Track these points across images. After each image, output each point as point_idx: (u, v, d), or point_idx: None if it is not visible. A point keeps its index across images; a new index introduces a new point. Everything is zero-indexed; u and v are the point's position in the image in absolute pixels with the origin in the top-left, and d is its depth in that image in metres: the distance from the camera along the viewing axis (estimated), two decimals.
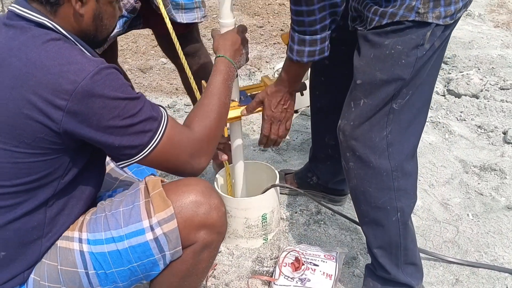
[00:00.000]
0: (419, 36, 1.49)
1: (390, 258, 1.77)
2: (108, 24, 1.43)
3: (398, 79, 1.53)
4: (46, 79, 1.22)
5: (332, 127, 2.18)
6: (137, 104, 1.31)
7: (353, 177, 1.69)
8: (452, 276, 2.03)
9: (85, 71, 1.23)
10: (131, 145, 1.32)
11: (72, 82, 1.22)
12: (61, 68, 1.22)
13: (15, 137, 1.26)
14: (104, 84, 1.25)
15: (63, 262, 1.38)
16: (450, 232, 2.25)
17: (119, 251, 1.37)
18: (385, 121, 1.59)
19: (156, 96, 3.49)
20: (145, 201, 1.39)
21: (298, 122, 3.14)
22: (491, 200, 2.43)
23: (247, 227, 2.10)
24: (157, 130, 1.35)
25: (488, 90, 3.33)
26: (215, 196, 1.45)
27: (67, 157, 1.34)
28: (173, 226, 1.37)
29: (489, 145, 2.84)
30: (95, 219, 1.41)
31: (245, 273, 2.03)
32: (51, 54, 1.24)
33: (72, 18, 1.33)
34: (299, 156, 2.80)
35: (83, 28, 1.37)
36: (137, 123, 1.31)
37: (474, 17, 4.58)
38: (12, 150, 1.27)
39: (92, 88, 1.23)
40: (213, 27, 4.41)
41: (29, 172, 1.30)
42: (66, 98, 1.22)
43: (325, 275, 1.93)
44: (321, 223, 2.28)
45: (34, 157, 1.28)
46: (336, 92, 2.10)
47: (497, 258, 2.11)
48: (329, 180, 2.33)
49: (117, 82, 1.28)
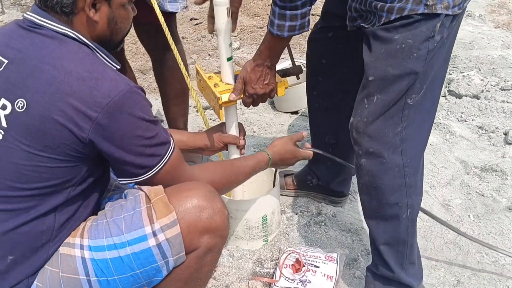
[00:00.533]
0: (429, 29, 1.48)
1: (395, 255, 1.76)
2: (123, 27, 1.46)
3: (410, 73, 1.52)
4: (81, 89, 1.26)
5: (332, 127, 2.19)
6: (155, 127, 1.37)
7: (365, 174, 1.68)
8: (453, 277, 2.03)
9: (118, 87, 1.28)
10: (141, 165, 1.37)
11: (106, 96, 1.27)
12: (96, 81, 1.28)
13: (41, 141, 1.28)
14: (134, 103, 1.31)
15: (65, 269, 1.37)
16: (451, 233, 2.24)
17: (121, 258, 1.36)
18: (400, 117, 1.59)
19: (156, 97, 3.48)
20: (147, 207, 1.39)
21: (298, 123, 3.13)
22: (492, 201, 2.42)
23: (248, 229, 2.10)
24: (165, 155, 1.41)
25: (489, 91, 3.32)
26: (218, 200, 1.45)
27: (86, 167, 1.37)
28: (176, 231, 1.36)
29: (490, 146, 2.83)
30: (96, 226, 1.40)
31: (245, 275, 2.02)
32: (87, 67, 1.29)
33: (87, 26, 1.37)
34: None
35: (99, 34, 1.40)
36: (152, 146, 1.37)
37: (475, 17, 4.57)
38: (36, 154, 1.29)
39: (123, 105, 1.29)
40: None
41: (48, 177, 1.32)
42: (98, 111, 1.26)
43: (326, 277, 1.92)
44: (322, 224, 2.27)
45: (56, 162, 1.31)
46: (335, 91, 2.10)
47: (499, 259, 2.10)
48: (330, 181, 2.32)
49: (144, 103, 1.34)
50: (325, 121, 2.20)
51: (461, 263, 2.09)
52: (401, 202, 1.68)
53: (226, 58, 1.83)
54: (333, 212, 2.35)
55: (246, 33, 4.36)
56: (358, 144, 1.66)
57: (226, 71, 1.86)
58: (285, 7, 1.59)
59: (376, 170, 1.65)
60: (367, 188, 1.71)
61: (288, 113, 3.26)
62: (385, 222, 1.73)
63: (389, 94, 1.56)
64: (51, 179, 1.32)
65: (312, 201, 2.41)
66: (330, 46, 1.99)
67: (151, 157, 1.38)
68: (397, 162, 1.63)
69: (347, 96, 2.09)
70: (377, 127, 1.60)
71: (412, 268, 1.81)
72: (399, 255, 1.76)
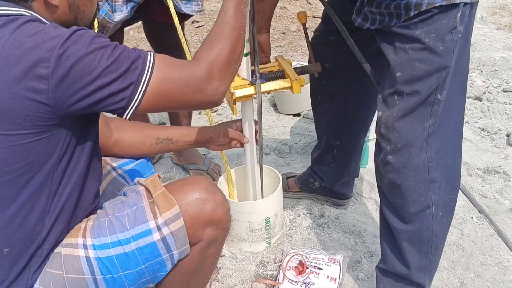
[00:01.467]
0: (450, 20, 1.47)
1: (418, 255, 1.73)
2: (87, 10, 1.41)
3: (440, 67, 1.51)
4: (25, 54, 1.22)
5: (337, 129, 2.19)
6: (115, 49, 1.27)
7: (391, 171, 1.66)
8: (457, 279, 2.02)
9: (60, 36, 1.23)
10: (122, 87, 1.27)
11: (49, 49, 1.21)
12: (37, 41, 1.22)
13: (5, 119, 1.24)
14: (78, 41, 1.23)
15: (69, 270, 1.36)
16: (455, 235, 2.24)
17: (126, 254, 1.36)
18: (429, 112, 1.57)
19: None
20: (149, 202, 1.39)
21: (300, 125, 3.13)
22: (495, 202, 2.42)
23: (251, 231, 2.10)
24: (144, 66, 1.29)
25: (491, 93, 3.32)
26: (219, 193, 1.46)
27: (62, 133, 1.31)
28: (180, 224, 1.38)
29: (492, 148, 2.83)
30: (99, 224, 1.40)
31: (248, 277, 2.02)
32: (27, 32, 1.24)
33: (47, 11, 1.33)
34: (301, 160, 2.79)
35: (63, 19, 1.36)
36: (121, 66, 1.26)
37: (476, 19, 4.56)
38: (5, 134, 1.25)
39: (67, 48, 1.22)
40: None
41: (26, 154, 1.27)
42: (47, 66, 1.21)
43: (329, 279, 1.92)
44: (325, 226, 2.27)
45: (28, 137, 1.26)
46: (339, 94, 2.10)
47: (502, 261, 2.09)
48: (333, 183, 2.32)
49: (89, 35, 1.26)
50: (330, 124, 2.20)
51: (465, 265, 2.08)
52: (424, 198, 1.66)
53: (243, 54, 1.81)
54: (336, 214, 2.35)
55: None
56: (387, 140, 1.63)
57: (242, 66, 1.85)
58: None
59: (403, 166, 1.63)
60: (392, 185, 1.68)
61: (290, 115, 3.26)
62: (409, 218, 1.69)
63: (419, 90, 1.54)
64: (29, 155, 1.27)
65: (315, 203, 2.41)
66: (333, 49, 1.99)
67: (127, 74, 1.26)
68: (423, 158, 1.62)
69: (351, 98, 2.09)
70: (406, 122, 1.58)
71: (434, 269, 1.79)
72: (423, 255, 1.73)
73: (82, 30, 1.27)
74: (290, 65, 1.93)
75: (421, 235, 1.71)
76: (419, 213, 1.68)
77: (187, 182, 1.45)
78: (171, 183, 1.47)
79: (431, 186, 1.66)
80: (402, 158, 1.63)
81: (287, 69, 1.90)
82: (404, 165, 1.63)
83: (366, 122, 2.20)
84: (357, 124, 2.18)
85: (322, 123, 2.25)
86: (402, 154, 1.62)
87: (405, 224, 1.71)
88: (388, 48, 1.56)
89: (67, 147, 1.34)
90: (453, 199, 1.74)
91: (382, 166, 1.69)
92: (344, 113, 2.13)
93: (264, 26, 1.96)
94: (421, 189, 1.66)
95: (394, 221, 1.73)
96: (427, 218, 1.69)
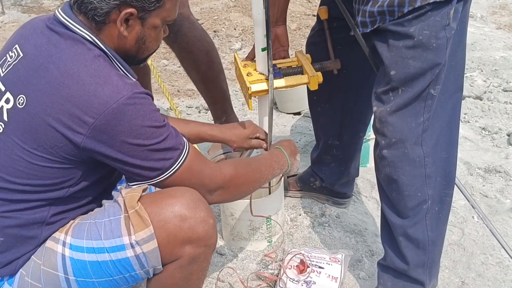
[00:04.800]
0: (443, 17, 1.48)
1: (415, 251, 1.73)
2: (150, 47, 1.44)
3: (433, 64, 1.52)
4: (79, 94, 1.24)
5: (335, 128, 2.18)
6: (163, 131, 1.33)
7: (386, 165, 1.67)
8: (457, 278, 2.02)
9: (119, 94, 1.25)
10: (152, 167, 1.34)
11: (104, 103, 1.24)
12: (96, 87, 1.25)
13: (35, 140, 1.28)
14: (135, 111, 1.27)
15: (46, 263, 1.36)
16: (456, 234, 2.23)
17: (99, 263, 1.34)
18: (423, 107, 1.59)
19: (158, 98, 3.48)
20: (124, 216, 1.35)
21: (301, 124, 3.13)
22: (496, 202, 2.42)
23: (252, 229, 2.09)
24: (178, 157, 1.37)
25: (491, 92, 3.32)
26: (201, 208, 1.39)
27: (81, 170, 1.35)
28: (153, 246, 1.33)
29: (493, 147, 2.82)
30: (81, 225, 1.38)
31: (249, 276, 2.01)
32: (90, 71, 1.27)
33: (115, 38, 1.35)
34: (302, 158, 2.77)
35: (125, 49, 1.38)
36: (161, 150, 1.33)
37: (476, 19, 4.57)
38: (30, 151, 1.29)
39: (122, 113, 1.25)
40: (215, 28, 4.41)
41: (41, 176, 1.31)
42: (95, 117, 1.24)
43: (330, 278, 1.91)
44: (326, 225, 2.27)
45: (49, 162, 1.30)
46: (336, 93, 2.09)
47: (503, 261, 2.09)
48: (334, 182, 2.31)
49: (147, 108, 1.30)
50: (328, 124, 2.20)
51: (466, 264, 2.08)
52: (421, 193, 1.67)
53: (261, 48, 1.80)
54: (337, 213, 2.34)
55: (247, 34, 4.36)
56: (382, 134, 1.65)
57: (260, 60, 1.84)
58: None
59: (398, 160, 1.64)
60: (388, 179, 1.69)
61: (290, 114, 3.25)
62: (405, 213, 1.70)
63: (414, 86, 1.55)
64: (44, 178, 1.31)
65: (315, 202, 2.41)
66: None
67: (162, 161, 1.34)
68: (418, 152, 1.63)
69: (348, 96, 2.08)
70: (400, 117, 1.60)
71: (434, 266, 1.79)
72: (421, 251, 1.74)
73: (142, 95, 1.29)
74: (309, 61, 1.92)
75: (417, 230, 1.72)
76: (416, 208, 1.69)
77: (167, 195, 1.38)
78: (153, 194, 1.43)
79: (428, 181, 1.67)
80: (397, 152, 1.64)
81: (306, 65, 1.89)
82: (400, 160, 1.65)
83: (366, 120, 2.19)
84: (356, 123, 2.18)
85: (320, 123, 2.24)
86: (397, 148, 1.64)
87: (402, 219, 1.72)
88: (382, 46, 1.57)
89: (82, 181, 1.38)
90: (448, 194, 1.75)
91: (379, 160, 1.70)
92: (342, 112, 2.13)
93: (280, 18, 1.94)
94: (417, 184, 1.67)
95: (391, 216, 1.74)
96: (423, 213, 1.70)
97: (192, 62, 2.45)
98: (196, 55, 2.42)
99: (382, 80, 1.61)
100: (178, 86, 3.67)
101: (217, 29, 4.43)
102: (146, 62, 2.34)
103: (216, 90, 2.54)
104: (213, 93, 2.55)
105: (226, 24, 4.52)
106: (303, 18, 4.61)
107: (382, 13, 1.52)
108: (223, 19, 4.60)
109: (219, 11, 4.73)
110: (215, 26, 4.47)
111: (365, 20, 1.58)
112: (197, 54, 2.42)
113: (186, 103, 3.44)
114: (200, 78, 2.51)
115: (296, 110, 3.24)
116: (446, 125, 1.67)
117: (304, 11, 4.71)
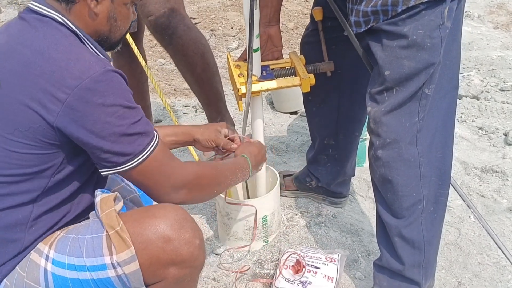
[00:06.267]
0: (438, 16, 1.47)
1: (411, 251, 1.73)
2: (121, 26, 1.42)
3: (428, 64, 1.51)
4: (50, 70, 1.22)
5: (330, 128, 2.18)
6: (135, 113, 1.30)
7: (381, 166, 1.67)
8: (454, 278, 2.02)
9: (91, 69, 1.23)
10: (121, 152, 1.29)
11: (76, 77, 1.22)
12: (68, 62, 1.23)
13: (10, 123, 1.26)
14: (108, 87, 1.24)
15: (29, 276, 1.33)
16: (452, 234, 2.23)
17: (80, 281, 1.31)
18: (417, 107, 1.58)
19: (154, 98, 3.47)
20: (106, 235, 1.31)
21: (297, 123, 3.12)
22: (493, 202, 2.41)
23: (248, 229, 2.08)
24: (148, 145, 1.33)
25: (488, 92, 3.32)
26: (186, 229, 1.33)
27: (61, 156, 1.31)
28: (134, 267, 1.29)
29: (490, 147, 2.82)
30: (65, 239, 1.35)
31: (245, 276, 2.01)
32: (60, 48, 1.25)
33: (86, 17, 1.34)
34: (298, 158, 2.78)
35: (97, 28, 1.37)
36: (132, 134, 1.29)
37: (474, 18, 4.57)
38: (6, 137, 1.27)
39: (95, 88, 1.23)
40: (212, 27, 4.40)
41: (21, 164, 1.28)
42: (68, 92, 1.22)
43: (326, 278, 1.91)
44: (322, 225, 2.26)
45: (27, 148, 1.27)
46: (330, 93, 2.08)
47: (500, 261, 2.09)
48: (330, 182, 2.30)
49: (120, 87, 1.28)
50: (323, 123, 2.19)
51: (462, 264, 2.08)
52: (416, 193, 1.67)
53: (253, 49, 1.79)
54: (333, 213, 2.34)
55: (244, 33, 4.34)
56: (376, 134, 1.65)
57: (253, 61, 1.81)
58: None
59: (393, 161, 1.64)
60: (383, 180, 1.69)
61: (287, 114, 3.25)
62: (401, 214, 1.70)
63: (408, 86, 1.55)
64: (24, 166, 1.28)
65: (312, 202, 2.40)
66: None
67: (132, 144, 1.29)
68: (413, 152, 1.62)
69: (343, 96, 2.08)
70: (394, 117, 1.59)
71: (430, 267, 1.79)
72: (416, 251, 1.73)
73: (114, 73, 1.27)
74: (303, 63, 1.91)
75: (412, 230, 1.72)
76: (411, 208, 1.69)
77: (151, 214, 1.33)
78: (136, 211, 1.39)
79: (423, 181, 1.67)
80: (392, 152, 1.64)
81: (298, 67, 1.88)
82: (394, 160, 1.64)
83: (361, 119, 2.18)
84: (351, 122, 2.17)
85: (315, 123, 2.23)
86: (392, 148, 1.63)
87: (397, 219, 1.72)
88: (376, 46, 1.57)
89: (63, 169, 1.34)
90: (443, 194, 1.75)
91: (374, 161, 1.70)
92: (337, 111, 2.12)
93: (273, 18, 1.94)
94: (412, 184, 1.66)
95: (387, 216, 1.74)
96: (418, 213, 1.70)
97: (187, 64, 2.45)
98: (191, 58, 2.42)
99: (376, 80, 1.61)
100: (174, 85, 3.66)
101: (214, 28, 4.42)
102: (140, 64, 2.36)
103: (211, 92, 2.55)
104: (207, 94, 2.56)
105: (223, 23, 4.51)
106: (300, 17, 4.60)
107: (375, 13, 1.51)
108: (220, 18, 4.59)
109: (216, 10, 4.72)
110: (212, 25, 4.46)
111: (358, 20, 1.57)
112: (192, 57, 2.42)
113: (183, 102, 3.43)
114: (195, 80, 2.51)
115: (293, 109, 3.24)
116: (441, 125, 1.67)
117: (302, 10, 4.71)
